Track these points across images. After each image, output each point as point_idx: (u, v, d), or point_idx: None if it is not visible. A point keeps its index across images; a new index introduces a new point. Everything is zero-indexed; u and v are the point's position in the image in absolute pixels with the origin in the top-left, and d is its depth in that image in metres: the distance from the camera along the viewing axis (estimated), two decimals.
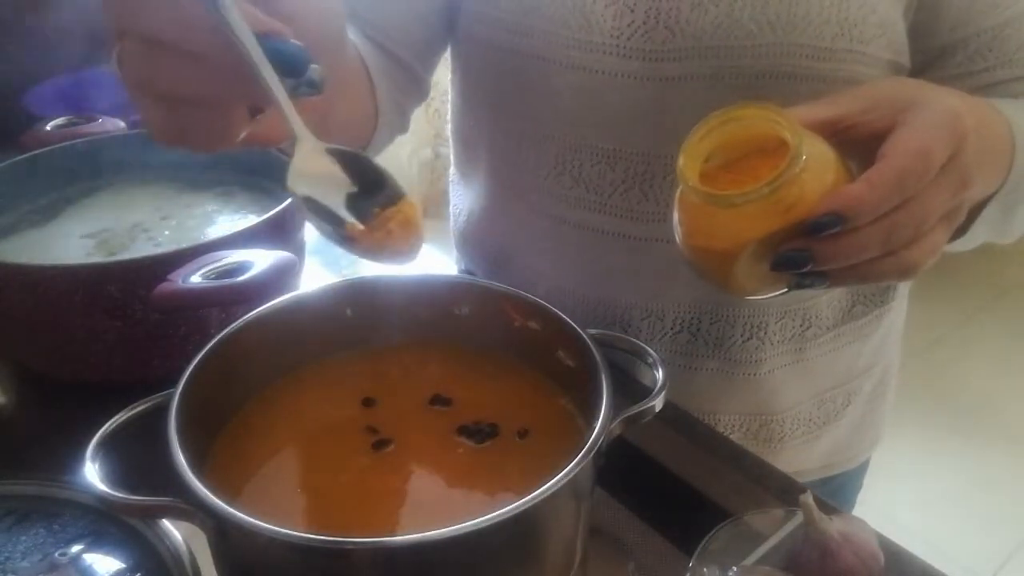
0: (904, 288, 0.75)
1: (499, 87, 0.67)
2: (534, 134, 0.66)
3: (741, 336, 0.67)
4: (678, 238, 0.46)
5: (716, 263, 0.45)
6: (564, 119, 0.63)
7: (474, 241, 0.78)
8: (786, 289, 0.46)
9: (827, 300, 0.68)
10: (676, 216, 0.46)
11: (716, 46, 0.57)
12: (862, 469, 0.82)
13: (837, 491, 0.80)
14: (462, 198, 0.79)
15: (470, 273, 0.79)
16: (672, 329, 0.67)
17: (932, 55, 0.60)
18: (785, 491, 0.53)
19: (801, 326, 0.68)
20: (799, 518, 0.45)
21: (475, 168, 0.74)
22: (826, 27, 0.55)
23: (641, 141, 0.62)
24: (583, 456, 0.40)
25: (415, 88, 0.72)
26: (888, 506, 0.85)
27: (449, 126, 0.78)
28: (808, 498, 0.44)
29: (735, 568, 0.44)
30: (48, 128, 0.78)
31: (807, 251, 0.42)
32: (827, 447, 0.75)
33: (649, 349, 0.48)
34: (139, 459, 0.41)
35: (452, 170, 0.80)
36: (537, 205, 0.68)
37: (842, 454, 0.78)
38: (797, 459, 0.74)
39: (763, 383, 0.69)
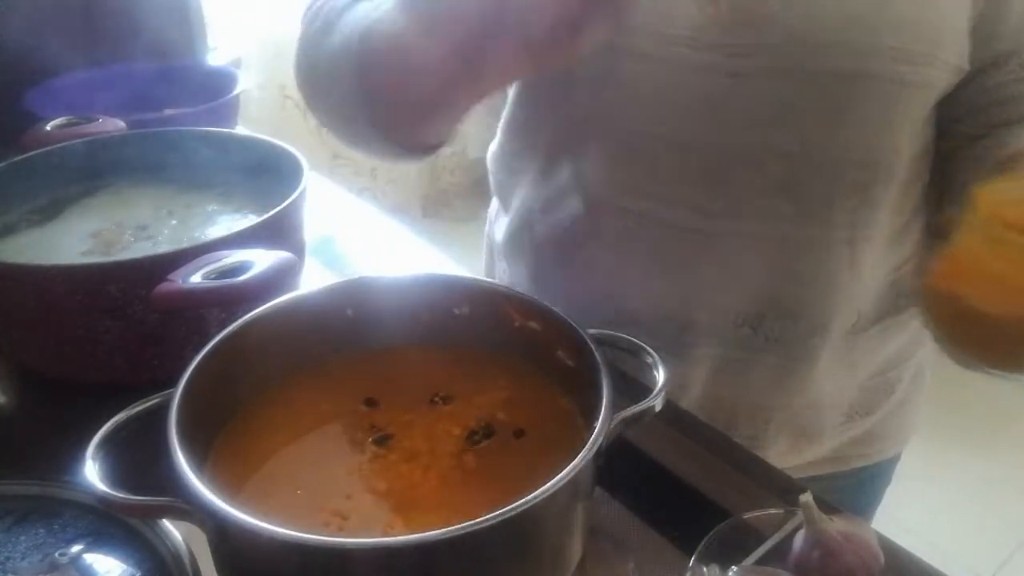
0: None
1: (564, 74, 0.65)
2: (599, 123, 0.64)
3: (804, 332, 0.66)
4: (946, 311, 0.39)
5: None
6: (632, 108, 0.62)
7: (526, 238, 0.75)
8: None
9: (876, 294, 0.67)
10: (942, 287, 0.39)
11: (799, 41, 0.56)
12: (894, 461, 0.82)
13: (867, 482, 0.80)
14: (511, 193, 0.76)
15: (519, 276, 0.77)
16: (734, 323, 0.66)
17: (987, 62, 0.60)
18: (785, 491, 0.53)
19: (849, 319, 0.67)
20: (799, 518, 0.45)
21: (531, 158, 0.72)
22: (908, 28, 0.55)
23: (710, 134, 0.60)
24: (583, 456, 0.40)
25: None
26: (888, 506, 0.85)
27: (503, 117, 0.76)
28: (808, 498, 0.44)
29: (735, 568, 0.44)
30: (48, 128, 0.78)
31: None
32: (864, 434, 0.75)
33: (649, 349, 0.48)
34: (139, 459, 0.41)
35: (496, 169, 0.78)
36: (600, 195, 0.66)
37: (879, 443, 0.78)
38: (832, 446, 0.74)
39: (818, 377, 0.69)
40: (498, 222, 0.80)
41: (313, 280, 0.68)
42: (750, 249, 0.63)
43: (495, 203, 0.82)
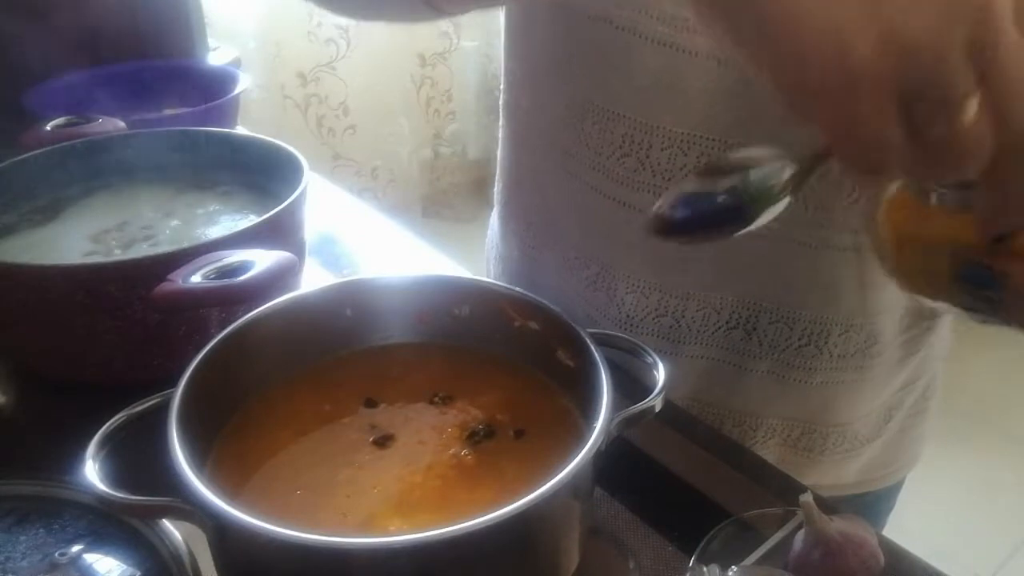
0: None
1: (570, 57, 0.63)
2: (602, 110, 0.62)
3: (799, 340, 0.64)
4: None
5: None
6: (638, 97, 0.60)
7: (519, 216, 0.74)
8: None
9: (891, 314, 0.65)
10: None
11: None
12: (896, 488, 0.80)
13: (865, 508, 0.77)
14: (510, 170, 0.75)
15: (514, 252, 0.76)
16: (727, 324, 0.65)
17: None
18: (785, 491, 0.53)
19: (866, 343, 0.65)
20: (799, 518, 0.45)
21: (529, 142, 0.71)
22: None
23: (717, 127, 0.58)
24: (583, 456, 0.40)
25: None
26: None
27: (501, 98, 0.74)
28: (808, 498, 0.44)
29: (735, 568, 0.44)
30: (48, 128, 0.78)
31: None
32: (865, 463, 0.73)
33: (649, 349, 0.48)
34: (139, 459, 0.41)
35: (501, 145, 0.77)
36: (595, 185, 0.64)
37: (879, 471, 0.75)
38: (833, 473, 0.72)
39: (815, 393, 0.67)
40: (498, 195, 0.79)
41: (313, 280, 0.68)
42: (748, 246, 0.61)
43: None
